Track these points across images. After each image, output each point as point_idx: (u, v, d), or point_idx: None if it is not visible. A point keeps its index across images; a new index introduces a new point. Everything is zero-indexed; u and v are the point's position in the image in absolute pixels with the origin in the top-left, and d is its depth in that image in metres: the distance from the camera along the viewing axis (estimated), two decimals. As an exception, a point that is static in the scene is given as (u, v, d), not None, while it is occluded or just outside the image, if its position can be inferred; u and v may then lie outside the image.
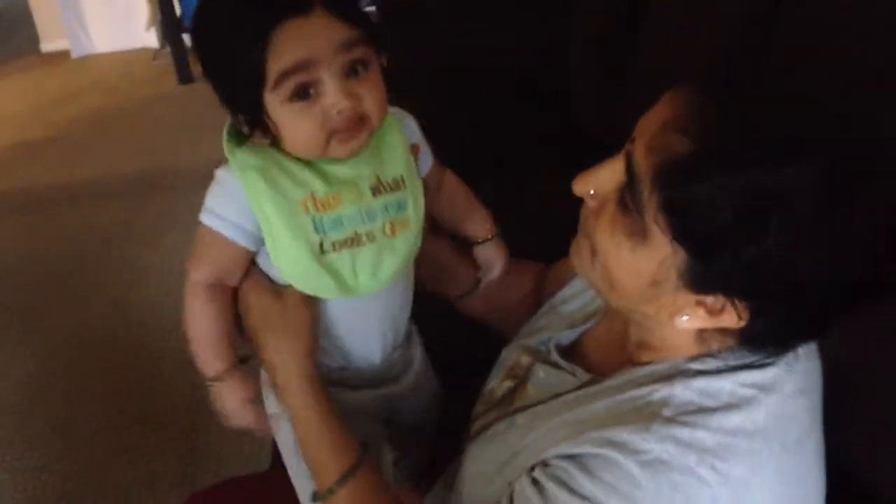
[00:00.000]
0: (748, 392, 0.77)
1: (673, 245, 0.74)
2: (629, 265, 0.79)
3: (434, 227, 1.16)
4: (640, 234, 0.76)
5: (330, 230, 0.96)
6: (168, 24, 4.58)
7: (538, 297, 1.18)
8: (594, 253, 0.83)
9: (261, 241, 0.98)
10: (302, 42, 0.88)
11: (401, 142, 1.03)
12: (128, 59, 5.16)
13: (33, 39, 5.49)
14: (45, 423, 2.38)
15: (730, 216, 0.69)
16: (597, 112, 2.25)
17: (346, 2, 0.92)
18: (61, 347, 2.68)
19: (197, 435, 2.27)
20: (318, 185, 0.95)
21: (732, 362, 0.79)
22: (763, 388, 0.77)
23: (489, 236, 1.18)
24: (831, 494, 0.83)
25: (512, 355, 1.06)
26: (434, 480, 1.17)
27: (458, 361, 1.23)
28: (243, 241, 0.97)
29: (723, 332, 0.78)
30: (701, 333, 0.80)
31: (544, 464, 0.81)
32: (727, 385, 0.77)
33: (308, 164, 0.96)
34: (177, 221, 3.31)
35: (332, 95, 0.90)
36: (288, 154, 0.96)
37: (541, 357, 1.00)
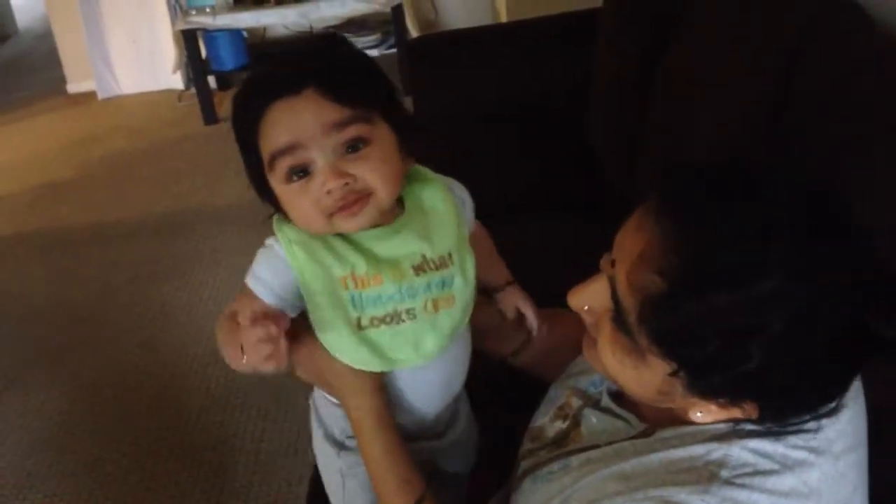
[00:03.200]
0: (800, 455, 0.80)
1: (671, 367, 0.79)
2: (635, 380, 0.85)
3: (481, 289, 1.17)
4: (638, 354, 0.82)
5: (368, 307, 0.98)
6: (194, 67, 4.67)
7: None
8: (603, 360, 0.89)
9: (296, 309, 1.00)
10: (288, 124, 0.91)
11: (453, 216, 1.05)
12: (153, 101, 5.24)
13: (60, 81, 5.58)
14: (77, 461, 2.41)
15: (717, 343, 0.75)
16: (615, 144, 2.29)
17: (341, 82, 0.93)
18: (91, 386, 2.72)
19: (225, 473, 2.29)
20: (359, 264, 0.97)
21: (783, 426, 0.82)
22: (814, 450, 0.80)
23: (507, 282, 1.20)
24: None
25: (561, 394, 1.09)
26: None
27: (491, 395, 1.27)
28: (276, 304, 0.98)
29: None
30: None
31: None
32: (780, 448, 0.80)
33: (352, 241, 0.98)
34: (202, 260, 3.35)
35: (321, 175, 0.92)
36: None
37: (591, 401, 1.03)
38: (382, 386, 1.05)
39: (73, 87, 5.55)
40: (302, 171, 0.93)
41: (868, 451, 0.88)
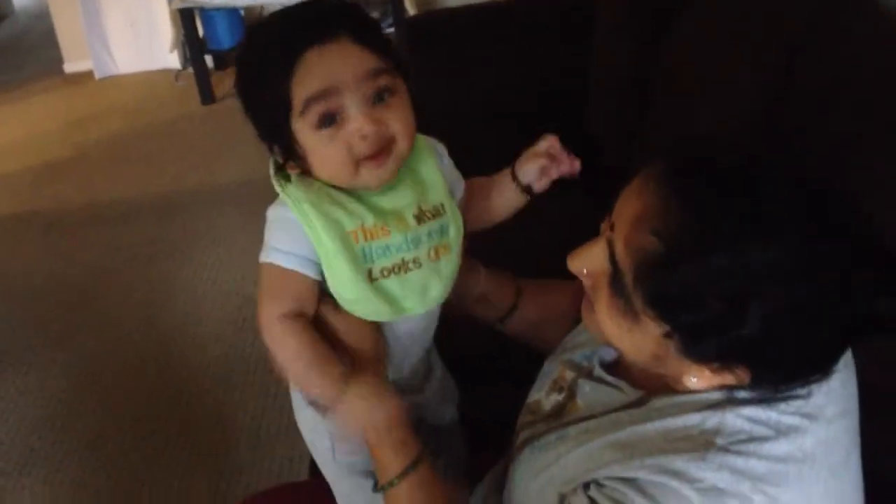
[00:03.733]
0: (794, 420, 0.81)
1: (664, 330, 0.81)
2: (631, 343, 0.87)
3: (469, 256, 1.18)
4: (633, 317, 0.84)
5: (378, 258, 0.99)
6: (191, 46, 4.66)
7: (577, 312, 1.22)
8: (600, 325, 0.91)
9: (319, 269, 1.00)
10: (326, 69, 0.92)
11: (437, 170, 1.07)
12: (151, 80, 5.23)
13: (57, 60, 5.57)
14: (79, 438, 2.43)
15: (713, 307, 0.76)
16: (615, 140, 2.30)
17: (372, 31, 0.95)
18: (92, 365, 2.74)
19: (227, 450, 2.32)
20: (367, 216, 0.98)
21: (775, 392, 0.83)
22: (807, 416, 0.82)
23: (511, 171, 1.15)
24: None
25: (555, 368, 1.10)
26: (469, 481, 1.22)
27: (469, 365, 1.29)
28: (310, 272, 0.99)
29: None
30: None
31: (598, 484, 0.85)
32: (774, 414, 0.81)
33: (355, 196, 1.00)
34: (202, 240, 3.37)
35: (356, 121, 0.93)
36: (335, 187, 0.99)
37: (584, 372, 1.04)
38: (383, 356, 1.07)
39: (69, 67, 5.54)
40: (331, 119, 0.94)
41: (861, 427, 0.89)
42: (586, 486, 0.87)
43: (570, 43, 2.62)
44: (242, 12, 4.91)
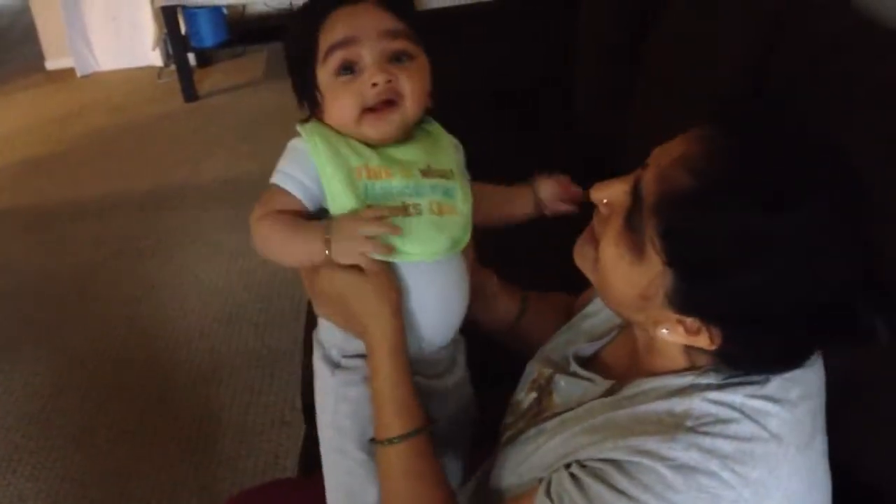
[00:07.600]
0: (757, 403, 0.84)
1: (663, 267, 0.83)
2: (625, 276, 0.89)
3: (481, 259, 1.22)
4: (638, 250, 0.86)
5: (379, 198, 1.05)
6: (174, 43, 4.65)
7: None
8: (597, 259, 0.93)
9: (318, 203, 1.08)
10: (348, 23, 1.04)
11: (452, 148, 1.15)
12: (133, 78, 5.22)
13: (38, 57, 5.53)
14: (65, 433, 2.44)
15: (719, 252, 0.79)
16: (600, 126, 2.33)
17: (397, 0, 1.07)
18: (78, 361, 2.74)
19: (213, 446, 2.33)
20: (373, 157, 1.06)
21: (737, 378, 0.87)
22: (770, 398, 0.85)
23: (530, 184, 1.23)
24: (835, 490, 0.90)
25: (535, 369, 1.14)
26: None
27: (487, 374, 1.30)
28: (304, 198, 1.07)
29: (701, 350, 0.87)
30: (685, 347, 0.89)
31: (580, 464, 0.88)
32: (738, 398, 0.85)
33: (368, 144, 1.07)
34: (185, 237, 3.38)
35: (369, 69, 1.03)
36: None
37: (561, 368, 1.08)
38: (400, 308, 1.08)
39: (51, 64, 5.50)
40: (349, 69, 1.04)
41: (830, 413, 0.92)
42: (568, 464, 0.89)
43: (560, 32, 2.65)
44: (225, 10, 4.91)
